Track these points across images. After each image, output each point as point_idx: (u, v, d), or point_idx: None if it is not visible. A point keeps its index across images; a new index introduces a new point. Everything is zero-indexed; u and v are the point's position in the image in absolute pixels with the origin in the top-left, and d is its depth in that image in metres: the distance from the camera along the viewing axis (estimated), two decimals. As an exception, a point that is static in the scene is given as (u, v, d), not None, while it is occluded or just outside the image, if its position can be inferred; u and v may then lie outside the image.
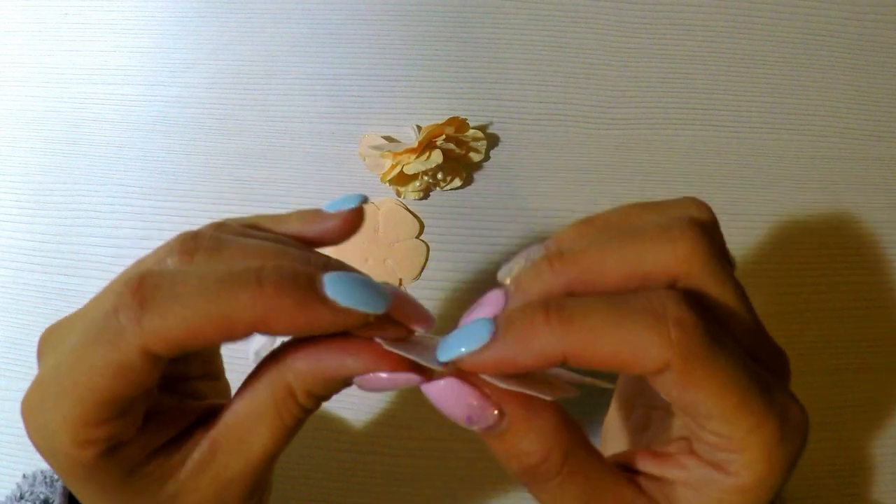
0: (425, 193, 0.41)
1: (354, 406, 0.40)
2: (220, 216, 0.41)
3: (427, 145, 0.38)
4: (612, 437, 0.30)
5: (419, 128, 0.41)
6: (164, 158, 0.41)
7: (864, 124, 0.42)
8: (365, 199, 0.23)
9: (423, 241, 0.41)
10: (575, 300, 0.18)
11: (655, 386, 0.19)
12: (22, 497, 0.32)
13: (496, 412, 0.19)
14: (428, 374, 0.19)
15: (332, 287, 0.18)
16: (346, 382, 0.20)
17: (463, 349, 0.18)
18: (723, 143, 0.42)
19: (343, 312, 0.18)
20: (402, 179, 0.40)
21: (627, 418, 0.28)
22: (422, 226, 0.41)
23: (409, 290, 0.41)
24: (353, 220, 0.23)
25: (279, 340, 0.40)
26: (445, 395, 0.19)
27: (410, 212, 0.41)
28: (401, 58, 0.42)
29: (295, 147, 0.41)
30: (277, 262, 0.19)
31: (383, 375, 0.19)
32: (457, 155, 0.40)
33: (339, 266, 0.20)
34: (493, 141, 0.41)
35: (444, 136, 0.38)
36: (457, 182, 0.41)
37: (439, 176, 0.39)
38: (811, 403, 0.42)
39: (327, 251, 0.23)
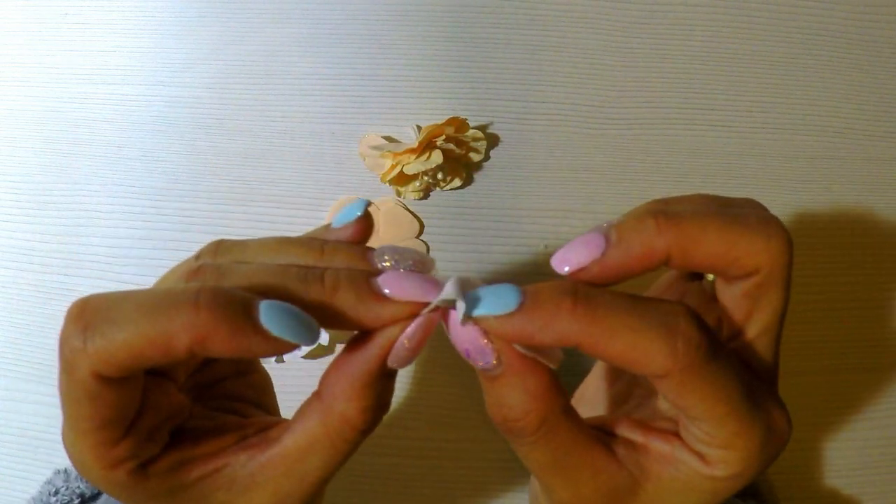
0: (425, 193, 0.41)
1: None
2: (220, 216, 0.41)
3: (427, 145, 0.38)
4: (585, 403, 0.31)
5: (419, 128, 0.41)
6: (164, 158, 0.41)
7: (864, 124, 0.42)
8: (368, 203, 0.23)
9: (423, 241, 0.41)
10: (603, 293, 0.19)
11: (653, 384, 0.20)
12: (57, 492, 0.32)
13: (494, 360, 0.20)
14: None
15: (267, 315, 0.18)
16: (389, 377, 0.21)
17: (488, 311, 0.19)
18: (723, 143, 0.42)
19: (275, 340, 0.18)
20: (402, 179, 0.40)
21: (608, 389, 0.29)
22: (422, 226, 0.41)
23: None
24: (364, 229, 0.23)
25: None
26: (457, 325, 0.20)
27: (410, 212, 0.41)
28: (401, 58, 0.42)
29: (295, 147, 0.41)
30: (225, 283, 0.20)
31: (408, 330, 0.20)
32: (457, 155, 0.40)
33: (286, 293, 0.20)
34: (493, 141, 0.41)
35: (444, 136, 0.38)
36: (457, 182, 0.41)
37: (439, 176, 0.40)
38: (810, 403, 0.42)
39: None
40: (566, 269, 0.20)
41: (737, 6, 0.42)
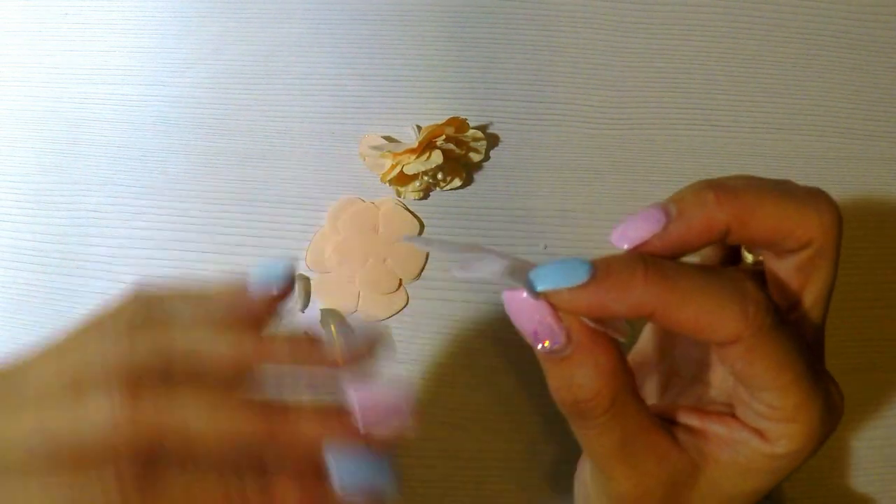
0: (425, 193, 0.41)
1: (354, 406, 0.40)
2: (220, 216, 0.41)
3: (427, 145, 0.38)
4: None
5: (419, 128, 0.41)
6: (164, 158, 0.41)
7: (864, 124, 0.42)
8: (291, 269, 0.22)
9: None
10: (670, 262, 0.20)
11: (719, 356, 0.20)
12: None
13: (563, 339, 0.20)
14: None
15: None
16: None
17: (559, 285, 0.19)
18: (723, 143, 0.42)
19: None
20: (402, 179, 0.40)
21: (645, 382, 0.29)
22: (422, 226, 0.41)
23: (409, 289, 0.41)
24: (276, 301, 0.22)
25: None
26: (522, 307, 0.19)
27: (410, 212, 0.41)
28: (401, 58, 0.42)
29: (295, 147, 0.41)
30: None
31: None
32: (457, 155, 0.40)
33: None
34: (493, 141, 0.41)
35: (444, 137, 0.38)
36: (457, 182, 0.41)
37: (439, 176, 0.40)
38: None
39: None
40: (626, 245, 0.21)
41: (737, 6, 0.42)
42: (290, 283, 0.22)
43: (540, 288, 0.19)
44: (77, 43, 0.42)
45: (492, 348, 0.40)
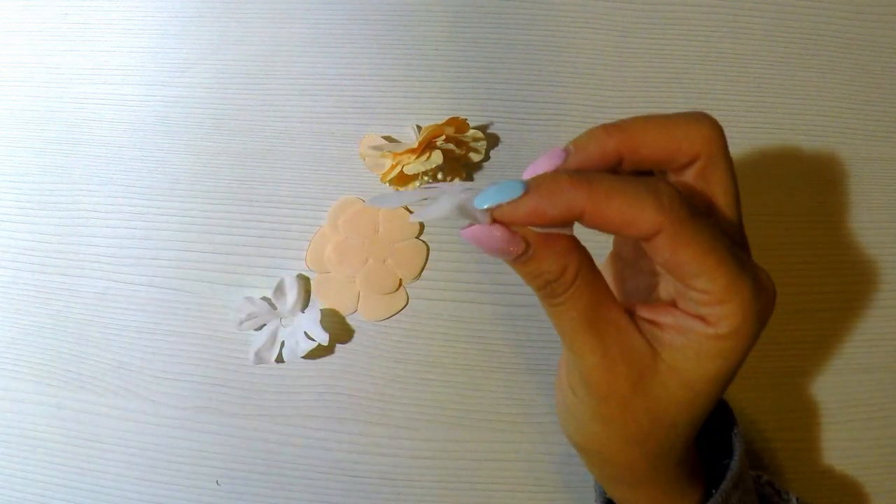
0: (425, 193, 0.41)
1: (353, 406, 0.40)
2: (220, 216, 0.41)
3: (427, 145, 0.38)
4: None
5: (419, 128, 0.41)
6: (164, 158, 0.41)
7: (864, 124, 0.42)
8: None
9: (423, 241, 0.41)
10: (591, 172, 0.22)
11: (649, 251, 0.23)
12: None
13: (522, 242, 0.23)
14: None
15: None
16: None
17: (501, 199, 0.22)
18: (723, 143, 0.42)
19: None
20: (402, 180, 0.40)
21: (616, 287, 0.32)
22: (422, 226, 0.41)
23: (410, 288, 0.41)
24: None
25: (278, 343, 0.39)
26: (481, 235, 0.23)
27: (410, 212, 0.41)
28: (401, 58, 0.42)
29: (295, 147, 0.41)
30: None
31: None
32: (457, 155, 0.40)
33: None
34: (493, 141, 0.41)
35: (444, 137, 0.38)
36: (457, 182, 0.41)
37: (439, 176, 0.40)
38: (811, 403, 0.42)
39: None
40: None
41: (737, 6, 0.42)
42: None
43: (484, 206, 0.22)
44: (77, 43, 0.42)
45: (492, 348, 0.40)
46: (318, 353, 0.40)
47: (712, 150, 0.24)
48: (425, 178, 0.39)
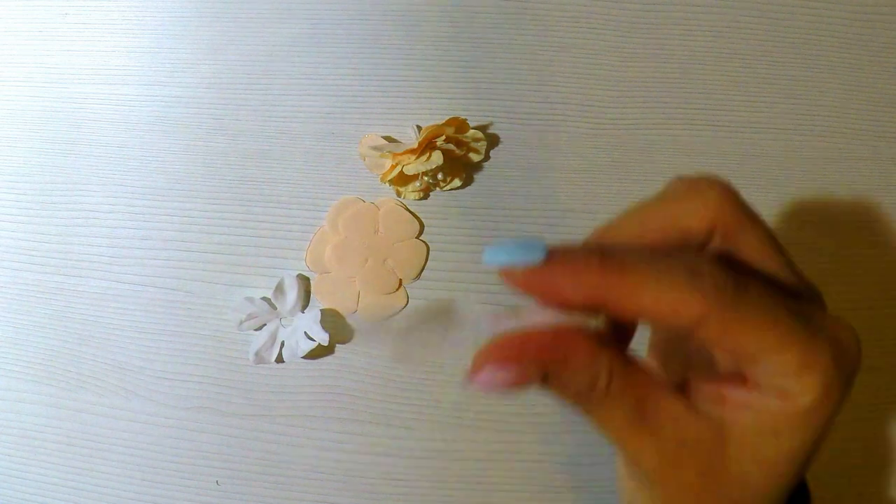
0: (425, 194, 0.41)
1: (353, 406, 0.40)
2: (220, 216, 0.41)
3: (427, 146, 0.38)
4: None
5: (419, 128, 0.41)
6: (164, 158, 0.41)
7: (864, 124, 0.42)
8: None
9: (423, 241, 0.41)
10: (625, 251, 0.19)
11: (698, 340, 0.19)
12: None
13: (538, 373, 0.19)
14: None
15: None
16: None
17: (516, 260, 0.19)
18: (723, 143, 0.42)
19: None
20: (402, 180, 0.40)
21: (664, 363, 0.28)
22: (422, 226, 0.41)
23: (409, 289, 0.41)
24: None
25: (278, 343, 0.39)
26: (488, 383, 0.19)
27: (410, 212, 0.41)
28: (401, 58, 0.42)
29: (295, 147, 0.41)
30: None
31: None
32: (457, 155, 0.40)
33: None
34: (493, 141, 0.41)
35: (444, 137, 0.38)
36: (457, 182, 0.41)
37: (439, 176, 0.39)
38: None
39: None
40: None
41: (737, 6, 0.42)
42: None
43: (494, 262, 0.19)
44: (77, 43, 0.42)
45: (492, 348, 0.40)
46: (318, 353, 0.40)
47: (726, 214, 0.21)
48: (425, 178, 0.39)
